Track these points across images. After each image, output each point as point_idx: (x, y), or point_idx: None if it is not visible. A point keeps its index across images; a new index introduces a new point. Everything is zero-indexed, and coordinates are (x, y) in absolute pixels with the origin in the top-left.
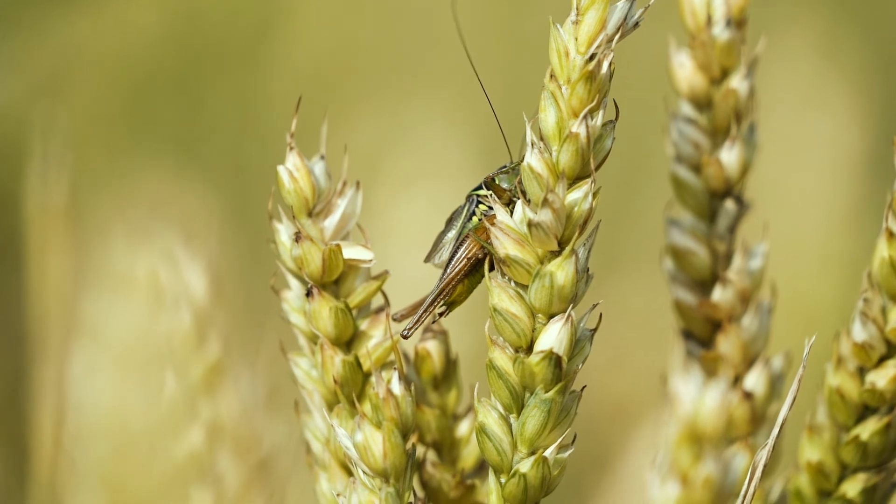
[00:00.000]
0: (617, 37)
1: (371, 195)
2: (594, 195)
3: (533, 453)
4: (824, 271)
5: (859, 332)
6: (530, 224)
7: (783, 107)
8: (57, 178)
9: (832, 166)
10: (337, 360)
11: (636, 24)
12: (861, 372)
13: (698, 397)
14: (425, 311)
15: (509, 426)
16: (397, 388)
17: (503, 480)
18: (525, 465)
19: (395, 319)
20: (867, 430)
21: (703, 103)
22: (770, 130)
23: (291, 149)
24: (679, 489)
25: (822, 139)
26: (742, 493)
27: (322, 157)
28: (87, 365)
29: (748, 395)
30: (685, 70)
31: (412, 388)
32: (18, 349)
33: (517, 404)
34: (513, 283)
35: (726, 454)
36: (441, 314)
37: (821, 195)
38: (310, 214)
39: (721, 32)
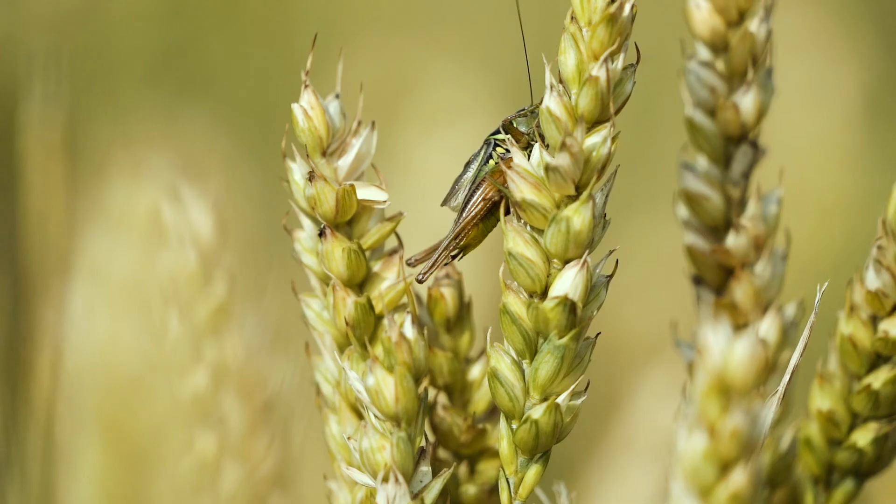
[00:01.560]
0: None
1: (388, 136)
2: (613, 140)
3: (545, 400)
4: (827, 217)
5: (873, 280)
6: (547, 168)
7: (782, 51)
8: (55, 112)
9: (832, 110)
10: (349, 302)
11: None
12: (874, 320)
13: (727, 348)
14: (440, 255)
15: (522, 372)
16: (410, 331)
17: (515, 426)
18: (537, 412)
19: (409, 264)
20: (879, 378)
21: (719, 47)
22: (778, 72)
23: (306, 87)
24: (706, 440)
25: (820, 83)
26: (760, 441)
27: (337, 96)
28: (85, 304)
29: (762, 343)
30: (702, 12)
31: (425, 331)
32: (14, 287)
33: (530, 350)
34: (528, 228)
35: (754, 406)
36: (454, 257)
37: (822, 139)
38: (324, 154)
39: None
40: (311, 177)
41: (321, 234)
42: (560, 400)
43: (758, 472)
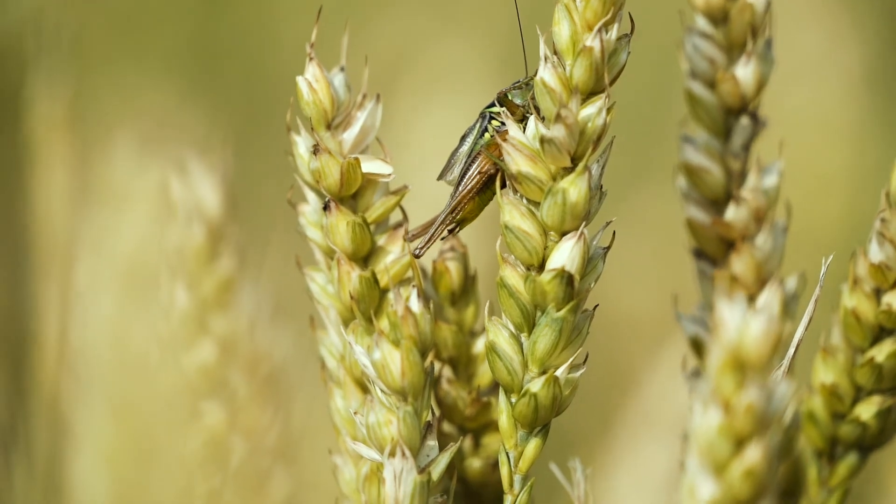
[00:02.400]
0: None
1: (391, 108)
2: (608, 111)
3: (544, 373)
4: (829, 190)
5: (876, 253)
6: (543, 140)
7: (783, 24)
8: (61, 87)
9: (831, 82)
10: (354, 276)
11: None
12: (877, 293)
13: (743, 323)
14: (437, 229)
15: (520, 345)
16: (416, 305)
17: (513, 400)
18: (536, 385)
19: (406, 239)
20: (882, 351)
21: (718, 18)
22: (781, 46)
23: (311, 59)
24: (721, 416)
25: (822, 56)
26: (775, 417)
27: (342, 69)
28: (91, 280)
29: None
30: None
31: (430, 304)
32: (20, 264)
33: (528, 323)
34: (525, 200)
35: (770, 381)
36: (451, 231)
37: (824, 112)
38: (328, 127)
39: None
40: (316, 150)
41: (326, 207)
42: (559, 373)
43: (773, 449)
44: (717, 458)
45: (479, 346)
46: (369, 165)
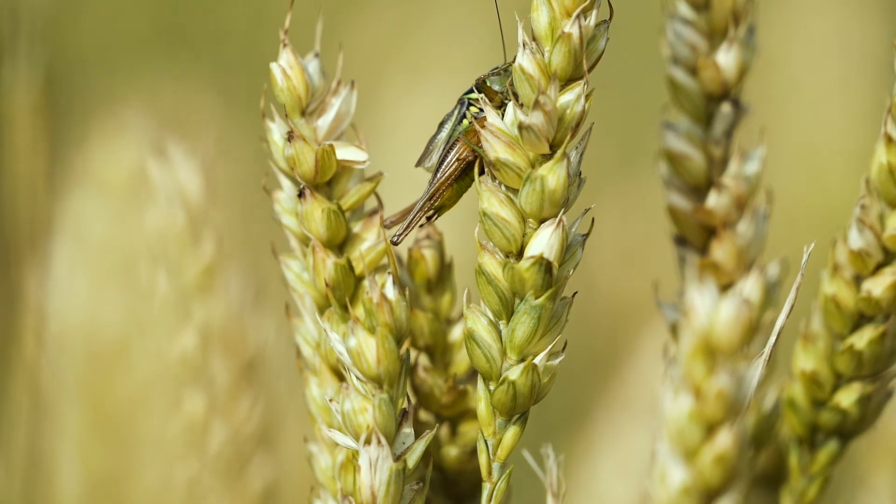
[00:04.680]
0: None
1: (377, 95)
2: (587, 97)
3: (522, 360)
4: (834, 176)
5: (856, 239)
6: (521, 126)
7: (790, 8)
8: (37, 73)
9: (840, 69)
10: (329, 263)
11: None
12: (857, 280)
13: (713, 309)
14: (415, 216)
15: (499, 333)
16: (391, 292)
17: (492, 388)
18: (514, 373)
19: (384, 226)
20: (862, 338)
21: (700, 4)
22: (780, 32)
23: (285, 46)
24: (692, 402)
25: (829, 41)
26: (745, 403)
27: (316, 55)
28: (69, 266)
29: (746, 304)
30: None
31: (406, 291)
32: None
33: (507, 310)
34: (503, 187)
35: (740, 367)
36: (429, 218)
37: (831, 98)
38: (303, 114)
39: None
40: (290, 137)
41: (300, 194)
42: (537, 360)
43: (743, 434)
44: (687, 444)
45: (456, 333)
46: (344, 152)
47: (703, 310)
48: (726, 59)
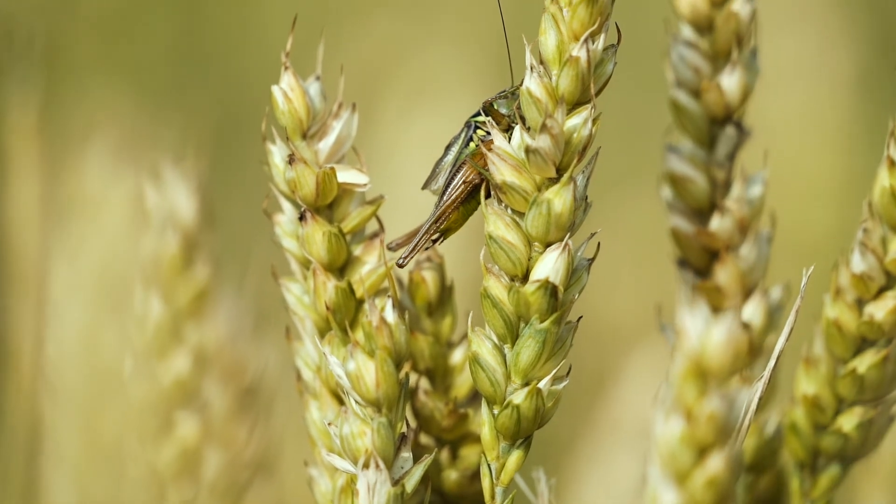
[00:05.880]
0: None
1: (376, 116)
2: (594, 121)
3: (527, 384)
4: (817, 197)
5: (858, 263)
6: (528, 150)
7: (772, 27)
8: (32, 96)
9: (823, 88)
10: (329, 286)
11: None
12: (859, 303)
13: (705, 332)
14: (421, 238)
15: (503, 356)
16: (391, 315)
17: (496, 412)
18: (518, 397)
19: (390, 248)
20: (864, 362)
21: (703, 27)
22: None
23: (287, 68)
24: (683, 425)
25: (812, 61)
26: (737, 426)
27: (318, 78)
28: (65, 290)
29: (745, 327)
30: None
31: (406, 315)
32: None
33: (511, 334)
34: (509, 211)
35: (731, 390)
36: (435, 241)
37: (813, 118)
38: (304, 136)
39: None
40: (291, 160)
41: (301, 217)
42: (542, 385)
43: (735, 458)
44: (679, 467)
45: (457, 357)
46: (345, 175)
47: (695, 332)
48: (729, 81)
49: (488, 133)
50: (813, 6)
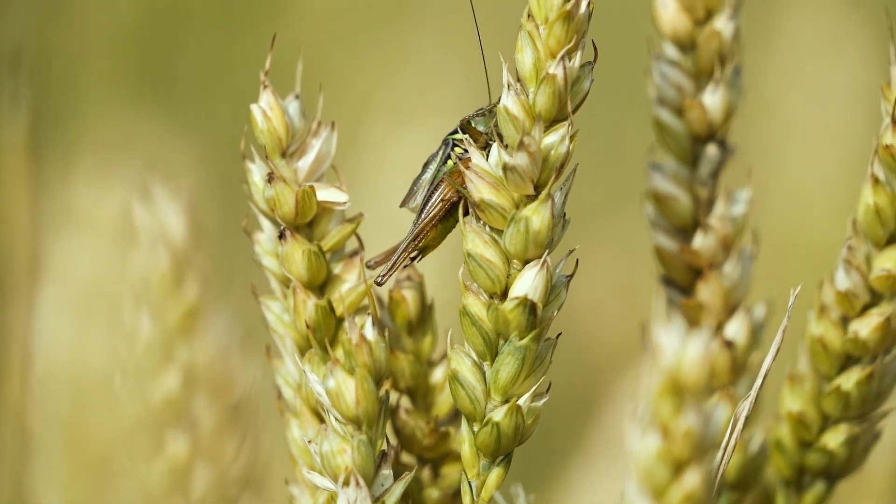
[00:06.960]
0: None
1: (357, 136)
2: (571, 138)
3: (507, 402)
4: (825, 218)
5: (843, 280)
6: (505, 167)
7: (802, 49)
8: (21, 113)
9: (831, 112)
10: (309, 305)
11: None
12: (844, 321)
13: (680, 348)
14: (399, 256)
15: (483, 374)
16: (371, 333)
17: (476, 429)
18: (498, 414)
19: (368, 266)
20: (849, 380)
21: (686, 45)
22: (789, 72)
23: (265, 87)
24: (659, 441)
25: (839, 83)
26: (723, 444)
27: (297, 97)
28: (54, 307)
29: (729, 344)
30: (668, 10)
31: (386, 333)
32: None
33: (491, 351)
34: (487, 228)
35: (708, 406)
36: (413, 259)
37: (822, 141)
38: (283, 155)
39: None
40: (271, 178)
41: (281, 235)
42: (521, 402)
43: (711, 473)
44: (655, 484)
45: (438, 375)
46: (324, 193)
47: (671, 348)
48: (712, 100)
49: (466, 151)
50: (843, 32)
